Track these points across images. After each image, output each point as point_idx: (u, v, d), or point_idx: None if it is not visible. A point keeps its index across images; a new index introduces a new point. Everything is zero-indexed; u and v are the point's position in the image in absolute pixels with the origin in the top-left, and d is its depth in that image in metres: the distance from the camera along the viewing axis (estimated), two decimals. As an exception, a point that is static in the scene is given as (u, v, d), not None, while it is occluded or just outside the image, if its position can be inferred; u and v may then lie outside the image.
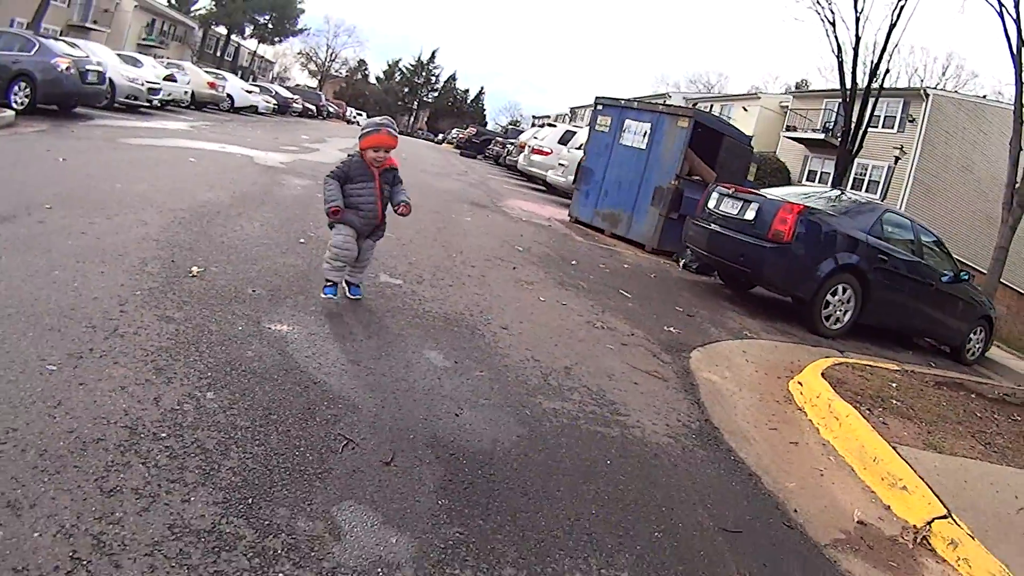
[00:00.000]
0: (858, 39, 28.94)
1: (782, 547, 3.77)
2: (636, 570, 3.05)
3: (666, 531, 3.48)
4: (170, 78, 25.44)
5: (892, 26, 28.01)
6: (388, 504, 2.97)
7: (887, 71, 30.31)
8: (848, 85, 29.25)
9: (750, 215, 10.59)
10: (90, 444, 2.77)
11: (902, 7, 27.49)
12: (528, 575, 2.78)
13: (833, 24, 29.34)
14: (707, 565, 3.28)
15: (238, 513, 2.61)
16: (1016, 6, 24.35)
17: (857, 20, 28.67)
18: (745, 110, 52.36)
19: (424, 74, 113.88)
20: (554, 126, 31.76)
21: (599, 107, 17.00)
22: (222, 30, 77.55)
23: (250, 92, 36.62)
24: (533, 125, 62.85)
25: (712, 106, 57.02)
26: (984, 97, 38.95)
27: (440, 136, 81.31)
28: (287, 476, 2.95)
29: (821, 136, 42.63)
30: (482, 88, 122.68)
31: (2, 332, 3.53)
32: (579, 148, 19.52)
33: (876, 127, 36.94)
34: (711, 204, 11.51)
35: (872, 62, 29.20)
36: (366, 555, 2.60)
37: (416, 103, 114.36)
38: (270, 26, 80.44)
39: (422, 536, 2.82)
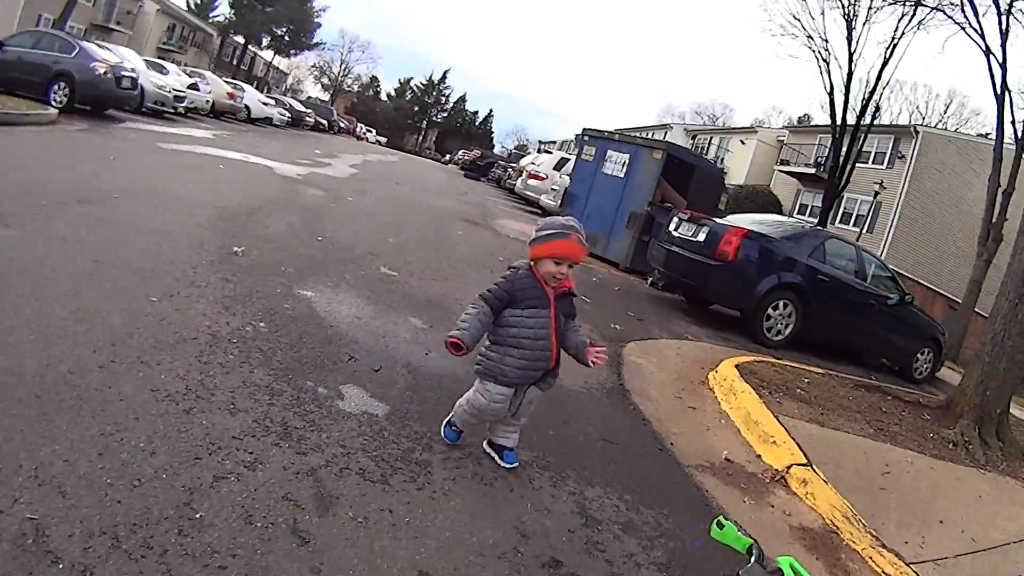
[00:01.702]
0: (850, 76, 29.84)
1: (649, 458, 5.34)
2: (532, 446, 4.68)
3: (559, 433, 5.13)
4: (193, 87, 26.63)
5: (884, 63, 28.89)
6: (374, 388, 4.70)
7: (877, 108, 31.29)
8: (839, 122, 30.14)
9: (702, 237, 11.98)
10: (188, 340, 4.45)
11: (895, 45, 28.48)
12: None
13: (827, 63, 30.16)
14: (584, 455, 4.89)
15: (283, 380, 4.32)
16: (1002, 47, 25.63)
17: (850, 58, 29.54)
18: (743, 143, 53.65)
19: (435, 94, 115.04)
20: (551, 153, 33.13)
21: (585, 138, 18.55)
22: (240, 39, 78.72)
23: (266, 104, 37.72)
24: (539, 150, 63.98)
25: (711, 138, 58.06)
26: (987, 135, 40.07)
27: (447, 156, 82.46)
28: (312, 368, 4.67)
29: (813, 171, 43.50)
30: (490, 111, 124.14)
31: (114, 276, 5.23)
32: (570, 175, 20.86)
33: (866, 163, 38.09)
34: (672, 228, 12.94)
35: (864, 99, 30.22)
36: (358, 408, 4.33)
37: (425, 122, 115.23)
38: (287, 38, 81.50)
39: (393, 404, 4.55)
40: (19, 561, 2.30)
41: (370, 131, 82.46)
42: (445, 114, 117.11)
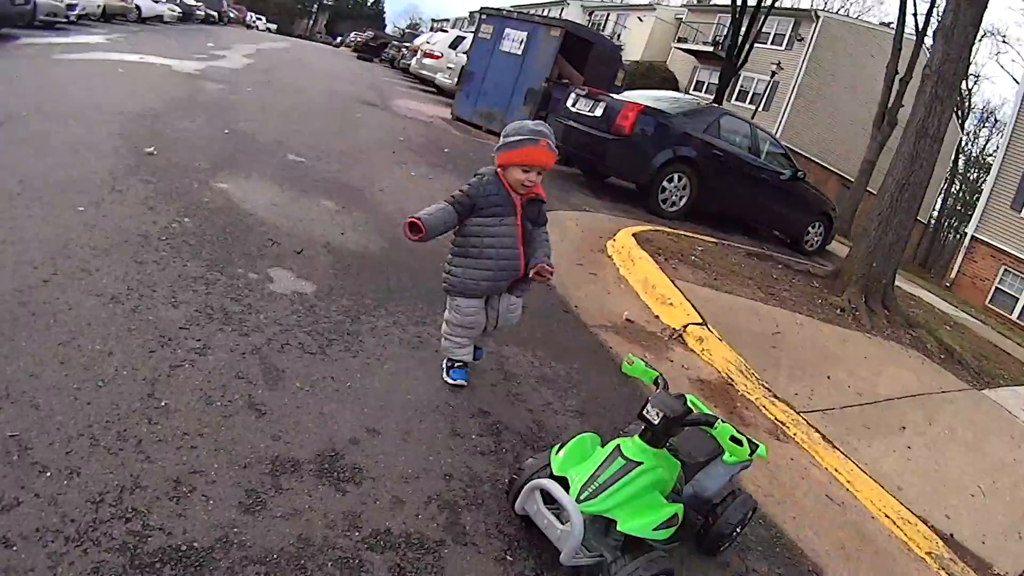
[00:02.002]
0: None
1: (556, 320, 5.86)
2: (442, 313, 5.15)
3: (473, 302, 5.60)
4: (84, -9, 25.49)
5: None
6: (300, 270, 5.10)
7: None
8: (740, 2, 30.38)
9: (599, 112, 12.38)
10: (121, 243, 4.71)
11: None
12: (378, 303, 4.93)
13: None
14: None
15: (215, 270, 4.65)
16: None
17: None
18: (640, 20, 53.47)
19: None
20: (446, 31, 32.93)
21: (483, 16, 18.57)
22: (124, -64, 75.75)
23: (156, 2, 36.21)
24: (432, 29, 63.10)
25: (609, 15, 57.70)
26: (888, 24, 40.85)
27: (339, 39, 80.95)
28: (240, 256, 5.01)
29: (710, 49, 44.33)
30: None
31: (39, 190, 5.35)
32: (466, 53, 20.94)
33: (765, 43, 38.86)
34: (569, 103, 13.34)
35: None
36: (287, 288, 4.72)
37: (316, 6, 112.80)
38: (173, -71, 78.54)
39: (319, 283, 4.95)
40: (10, 477, 2.52)
41: (260, 19, 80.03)
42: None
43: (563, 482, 2.88)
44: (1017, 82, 28.58)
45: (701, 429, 3.22)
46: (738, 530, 3.45)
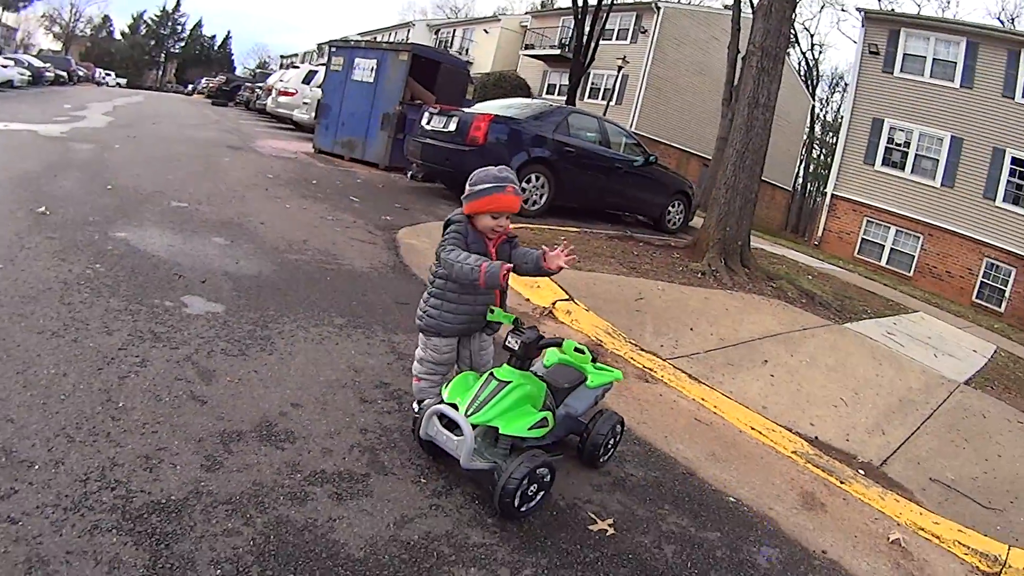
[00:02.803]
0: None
1: (437, 312, 6.63)
2: (343, 314, 5.95)
3: (362, 302, 6.40)
4: (-74, 60, 25.05)
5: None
6: (208, 295, 5.78)
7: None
8: (581, 3, 31.65)
9: (453, 127, 13.13)
10: (46, 290, 5.27)
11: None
12: (280, 313, 5.67)
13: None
14: (384, 313, 6.20)
15: (135, 303, 5.29)
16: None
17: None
18: (486, 32, 54.51)
19: (170, 24, 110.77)
20: (298, 67, 33.22)
21: (332, 49, 19.07)
22: (-38, 1, 73.82)
23: (5, 67, 35.37)
24: (282, 66, 63.04)
25: (455, 31, 58.60)
26: (728, 7, 42.59)
27: (190, 87, 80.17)
28: (154, 289, 5.66)
29: (558, 52, 45.50)
30: (228, 32, 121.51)
31: (-45, 254, 5.92)
32: (320, 86, 21.44)
33: (610, 40, 40.32)
34: (424, 122, 14.04)
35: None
36: (202, 310, 5.42)
37: (163, 55, 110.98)
38: (14, -8, 76.80)
39: (227, 304, 5.65)
40: (3, 474, 3.00)
41: (109, 75, 78.68)
42: (183, 44, 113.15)
43: (454, 407, 3.67)
44: (855, 42, 30.30)
45: (567, 364, 4.17)
46: (611, 441, 4.34)
